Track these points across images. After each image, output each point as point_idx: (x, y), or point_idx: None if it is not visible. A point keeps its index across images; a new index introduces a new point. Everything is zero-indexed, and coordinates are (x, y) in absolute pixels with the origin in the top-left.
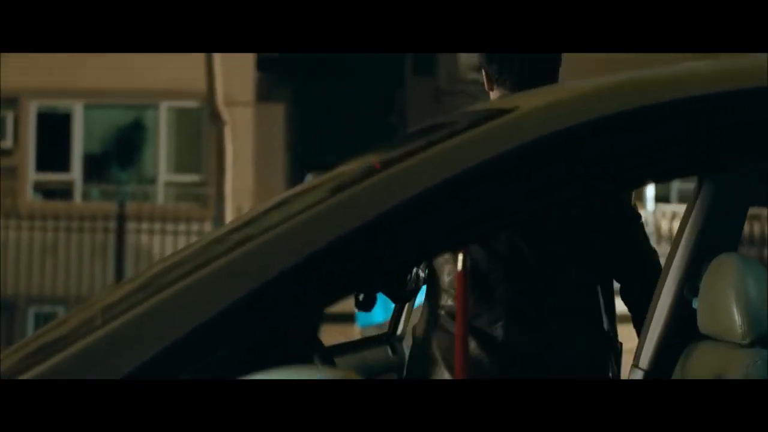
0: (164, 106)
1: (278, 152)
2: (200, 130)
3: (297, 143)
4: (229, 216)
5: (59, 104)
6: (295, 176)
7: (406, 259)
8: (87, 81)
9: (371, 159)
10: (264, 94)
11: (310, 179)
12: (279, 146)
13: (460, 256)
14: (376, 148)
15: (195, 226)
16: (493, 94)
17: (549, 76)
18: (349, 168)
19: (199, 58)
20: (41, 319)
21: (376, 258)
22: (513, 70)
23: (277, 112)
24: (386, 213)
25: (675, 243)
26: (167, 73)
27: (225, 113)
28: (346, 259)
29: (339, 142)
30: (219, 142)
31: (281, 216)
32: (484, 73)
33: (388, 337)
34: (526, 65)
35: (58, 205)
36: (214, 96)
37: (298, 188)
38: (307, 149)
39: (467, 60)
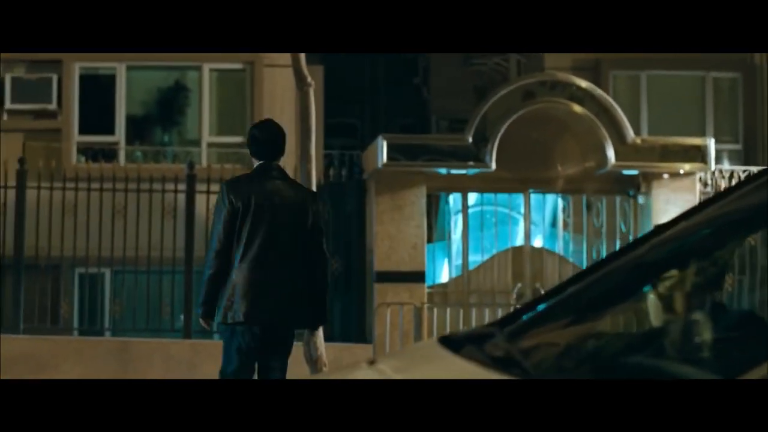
0: (207, 68)
1: (317, 115)
2: (244, 91)
3: (324, 107)
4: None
5: (102, 66)
6: (326, 140)
7: None
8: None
9: None
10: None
11: None
12: (318, 109)
13: None
14: None
15: None
16: (255, 161)
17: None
18: None
19: None
20: (86, 280)
21: None
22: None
23: (317, 74)
24: None
25: None
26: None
27: (308, 74)
28: None
29: (364, 105)
30: (304, 102)
31: None
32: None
33: None
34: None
35: (104, 167)
36: (299, 57)
37: None
38: (333, 113)
39: None
